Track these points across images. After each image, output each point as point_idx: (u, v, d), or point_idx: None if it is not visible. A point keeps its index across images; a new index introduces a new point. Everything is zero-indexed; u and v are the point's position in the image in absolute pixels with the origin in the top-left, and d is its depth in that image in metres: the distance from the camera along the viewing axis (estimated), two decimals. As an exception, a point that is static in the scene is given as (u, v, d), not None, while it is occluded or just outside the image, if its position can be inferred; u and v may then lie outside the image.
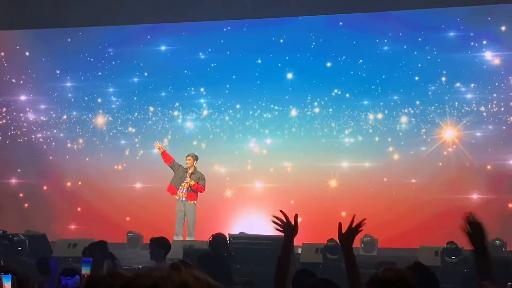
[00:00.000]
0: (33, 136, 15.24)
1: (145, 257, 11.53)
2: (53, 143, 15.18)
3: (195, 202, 12.22)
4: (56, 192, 14.83)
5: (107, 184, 14.54)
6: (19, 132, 15.33)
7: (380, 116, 13.70)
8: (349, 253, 3.74)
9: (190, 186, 12.14)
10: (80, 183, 14.81)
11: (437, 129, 13.40)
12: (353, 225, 3.75)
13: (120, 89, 14.93)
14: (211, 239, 8.53)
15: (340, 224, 3.77)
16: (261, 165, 14.08)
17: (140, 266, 10.08)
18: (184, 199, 12.20)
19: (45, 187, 15.01)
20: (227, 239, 9.29)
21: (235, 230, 12.01)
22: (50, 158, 15.10)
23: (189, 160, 12.33)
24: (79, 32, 15.14)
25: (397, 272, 3.11)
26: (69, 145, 15.04)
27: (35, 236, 11.69)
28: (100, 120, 14.93)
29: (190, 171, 12.25)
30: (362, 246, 12.21)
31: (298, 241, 10.65)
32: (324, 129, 13.94)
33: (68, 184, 14.91)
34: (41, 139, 15.23)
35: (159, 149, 12.66)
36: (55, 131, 15.13)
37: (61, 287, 3.82)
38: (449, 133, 13.35)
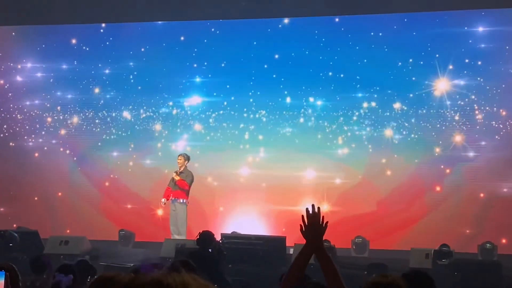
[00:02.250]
0: (25, 137, 15.05)
1: (137, 255, 11.55)
2: (45, 147, 15.00)
3: (183, 200, 12.21)
4: (48, 200, 14.66)
5: (101, 186, 14.49)
6: (11, 131, 15.19)
7: (374, 104, 13.60)
8: (323, 254, 3.33)
9: (175, 182, 12.16)
10: (72, 189, 14.59)
11: (429, 131, 13.40)
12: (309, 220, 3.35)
13: (113, 85, 14.82)
14: (198, 237, 8.62)
15: (300, 226, 3.36)
16: (253, 176, 13.93)
17: (132, 264, 10.06)
18: (173, 198, 12.24)
19: (36, 198, 14.76)
20: (215, 236, 9.29)
21: (228, 230, 12.02)
22: (43, 161, 14.94)
23: (179, 160, 12.40)
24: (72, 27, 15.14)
25: (388, 277, 3.13)
26: (61, 149, 14.86)
27: (27, 232, 11.65)
28: (94, 119, 14.87)
29: (179, 171, 12.32)
30: (354, 247, 12.24)
31: (290, 241, 10.72)
32: (317, 135, 13.86)
33: (59, 194, 14.69)
34: (30, 143, 15.03)
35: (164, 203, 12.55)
36: (44, 133, 14.94)
37: (53, 283, 3.84)
38: (442, 132, 13.38)
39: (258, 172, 13.93)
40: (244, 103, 14.19)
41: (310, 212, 3.37)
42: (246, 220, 13.48)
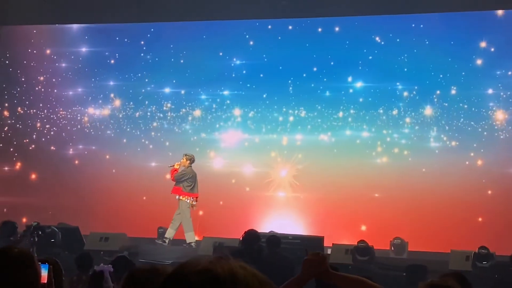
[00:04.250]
0: (66, 138, 15.16)
1: (175, 253, 11.64)
2: (86, 152, 15.15)
3: (179, 197, 12.43)
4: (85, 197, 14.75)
5: (139, 184, 14.61)
6: (52, 133, 15.36)
7: (414, 93, 13.41)
8: (340, 277, 3.28)
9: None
10: (112, 194, 14.65)
11: (470, 137, 13.19)
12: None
13: (152, 79, 14.88)
14: (244, 235, 8.59)
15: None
16: (291, 186, 13.89)
17: (170, 262, 10.16)
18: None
19: (76, 203, 14.66)
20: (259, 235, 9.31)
21: (265, 230, 12.02)
22: (83, 168, 15.04)
23: (182, 160, 12.57)
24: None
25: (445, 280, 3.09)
26: (101, 153, 15.01)
27: (68, 228, 11.84)
28: (133, 115, 15.00)
29: (180, 165, 12.56)
30: (392, 248, 12.13)
31: (328, 242, 10.68)
32: (356, 140, 13.75)
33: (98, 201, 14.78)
34: (71, 150, 15.18)
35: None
36: (85, 136, 15.09)
37: (93, 272, 4.12)
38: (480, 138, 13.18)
39: (296, 181, 13.87)
40: (283, 99, 14.16)
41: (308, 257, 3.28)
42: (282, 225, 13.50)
